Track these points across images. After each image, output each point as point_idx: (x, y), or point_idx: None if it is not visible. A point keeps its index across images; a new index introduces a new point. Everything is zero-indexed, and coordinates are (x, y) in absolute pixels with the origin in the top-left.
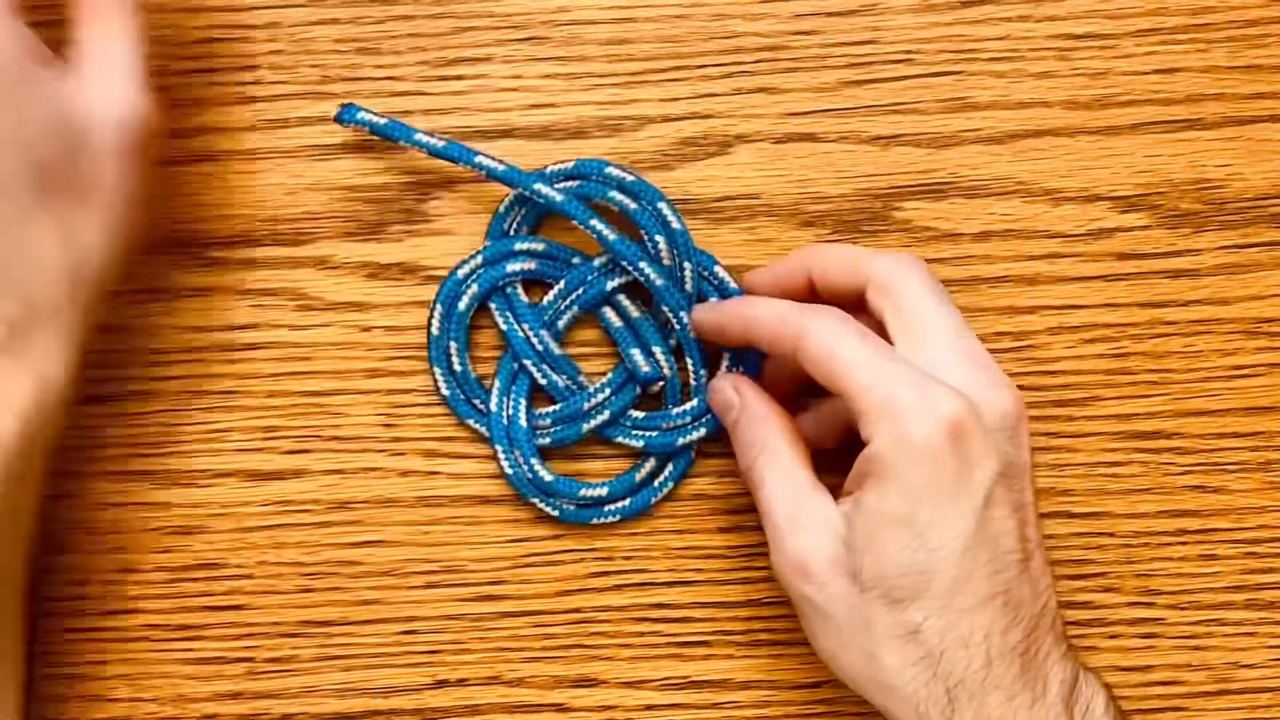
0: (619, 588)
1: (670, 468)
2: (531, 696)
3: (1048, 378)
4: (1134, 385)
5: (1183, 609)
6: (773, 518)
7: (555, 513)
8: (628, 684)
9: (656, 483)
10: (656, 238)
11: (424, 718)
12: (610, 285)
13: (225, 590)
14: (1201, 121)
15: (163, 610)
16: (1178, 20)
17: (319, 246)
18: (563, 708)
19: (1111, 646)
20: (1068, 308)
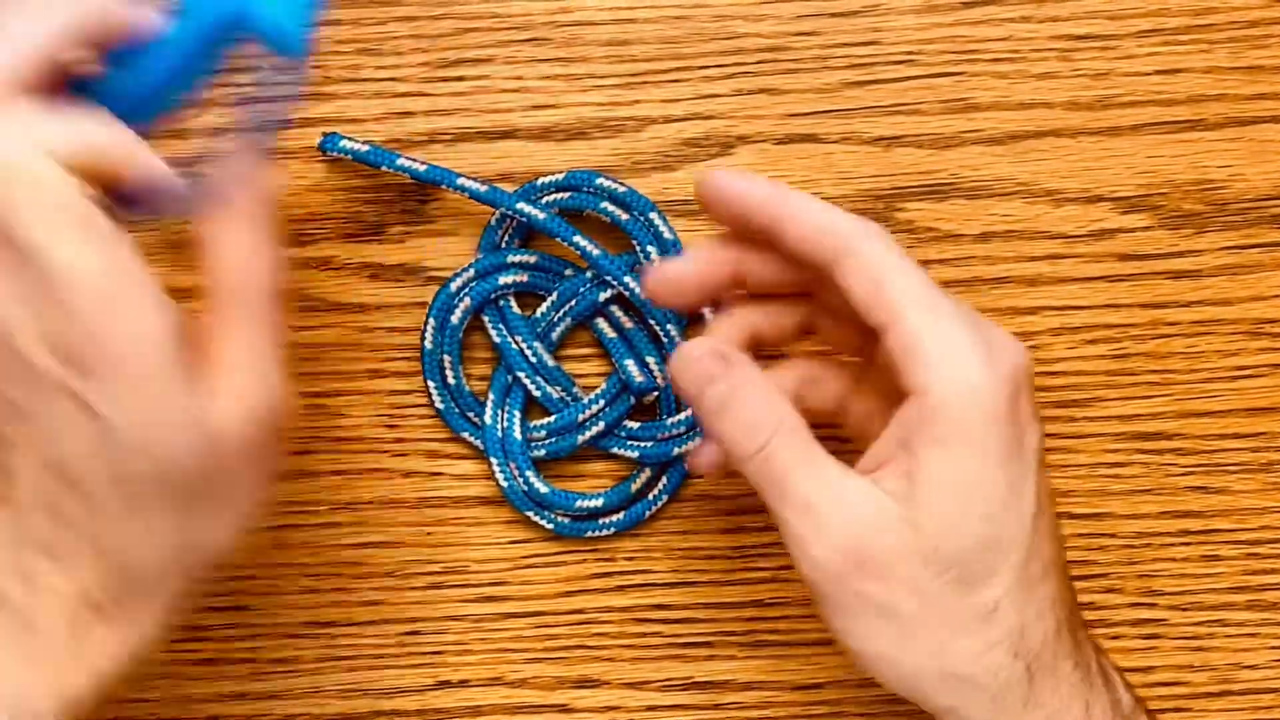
0: (621, 589)
1: (665, 478)
2: (534, 697)
3: (1049, 378)
4: (1136, 386)
5: (1185, 610)
6: (810, 509)
7: (550, 526)
8: (630, 685)
9: (652, 495)
10: (649, 248)
11: (426, 718)
12: (603, 297)
13: (229, 591)
14: (1203, 122)
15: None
16: (1180, 21)
17: (321, 247)
18: (565, 708)
19: (1114, 647)
20: (1069, 308)
